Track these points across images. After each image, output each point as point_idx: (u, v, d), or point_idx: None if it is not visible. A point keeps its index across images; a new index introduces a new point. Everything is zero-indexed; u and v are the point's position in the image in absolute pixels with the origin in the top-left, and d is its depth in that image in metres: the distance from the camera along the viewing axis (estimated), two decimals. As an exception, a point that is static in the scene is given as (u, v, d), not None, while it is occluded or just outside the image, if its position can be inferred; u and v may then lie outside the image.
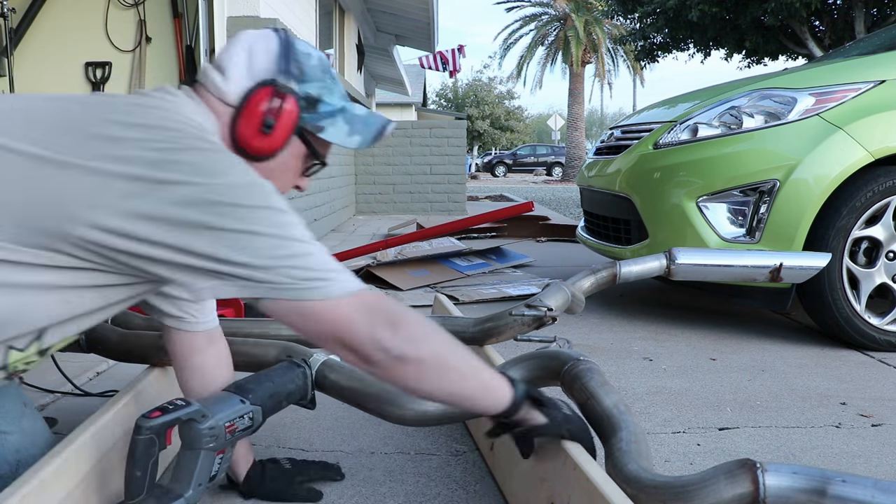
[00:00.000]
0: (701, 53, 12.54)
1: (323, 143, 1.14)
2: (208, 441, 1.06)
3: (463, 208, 8.37)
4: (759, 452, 1.55)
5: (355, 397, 1.30)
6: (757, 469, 0.87)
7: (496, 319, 1.67)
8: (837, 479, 0.85)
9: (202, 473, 1.06)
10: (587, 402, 1.19)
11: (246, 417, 1.13)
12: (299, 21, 5.71)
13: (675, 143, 2.63)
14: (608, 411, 1.13)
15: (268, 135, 1.06)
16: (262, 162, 1.08)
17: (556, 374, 1.30)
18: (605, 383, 1.22)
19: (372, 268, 3.61)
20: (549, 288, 1.78)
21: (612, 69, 26.11)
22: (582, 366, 1.27)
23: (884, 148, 2.28)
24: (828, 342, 2.48)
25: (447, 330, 1.72)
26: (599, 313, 2.96)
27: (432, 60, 15.09)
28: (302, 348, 1.41)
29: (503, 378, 1.09)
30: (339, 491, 1.35)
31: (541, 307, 1.64)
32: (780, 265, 2.00)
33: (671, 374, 2.12)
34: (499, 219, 2.87)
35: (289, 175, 1.13)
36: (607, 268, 1.99)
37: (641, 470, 0.96)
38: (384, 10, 9.74)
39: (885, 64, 2.43)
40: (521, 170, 31.67)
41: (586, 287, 1.96)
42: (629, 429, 1.07)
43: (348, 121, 1.13)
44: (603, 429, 1.13)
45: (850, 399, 1.91)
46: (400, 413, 1.26)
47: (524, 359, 1.36)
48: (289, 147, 1.10)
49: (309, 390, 1.30)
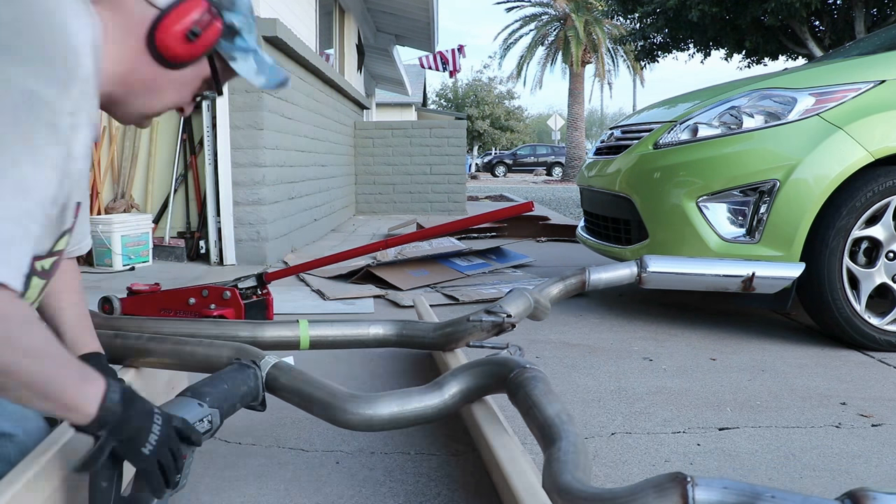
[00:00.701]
0: (701, 53, 12.55)
1: (228, 71, 1.15)
2: None
3: (463, 208, 8.37)
4: (759, 452, 1.55)
5: (303, 400, 1.29)
6: (687, 483, 0.86)
7: (455, 325, 1.68)
8: (767, 495, 0.85)
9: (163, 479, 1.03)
10: (529, 410, 1.18)
11: (205, 421, 1.12)
12: (299, 21, 5.72)
13: (675, 143, 2.63)
14: (549, 420, 1.12)
15: (191, 42, 1.05)
16: (169, 69, 1.07)
17: (503, 382, 1.30)
18: (549, 392, 1.21)
19: (372, 268, 3.61)
20: (511, 294, 1.77)
21: (612, 69, 26.13)
22: (527, 374, 1.26)
23: (884, 148, 2.28)
24: (828, 342, 2.48)
25: (409, 334, 1.75)
26: (599, 313, 2.96)
27: (432, 60, 15.10)
28: (254, 350, 1.40)
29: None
30: (339, 491, 1.36)
31: (500, 313, 1.64)
32: (752, 274, 2.00)
33: (671, 374, 2.12)
34: (499, 219, 2.87)
35: (185, 91, 1.12)
36: (576, 274, 1.99)
37: (574, 480, 0.96)
38: (384, 10, 9.75)
39: (885, 64, 2.43)
40: (521, 170, 31.68)
41: (554, 294, 1.96)
42: (569, 439, 1.06)
43: (258, 62, 1.15)
44: (544, 438, 1.12)
45: (850, 399, 1.91)
46: (346, 418, 1.25)
47: (473, 365, 1.35)
48: (197, 64, 1.09)
49: (260, 392, 1.29)
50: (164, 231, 4.51)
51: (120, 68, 1.04)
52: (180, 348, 1.45)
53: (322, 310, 2.99)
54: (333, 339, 1.73)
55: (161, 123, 4.51)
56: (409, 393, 1.29)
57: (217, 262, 4.32)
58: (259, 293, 2.73)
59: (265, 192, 4.31)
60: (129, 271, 4.09)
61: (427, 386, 1.32)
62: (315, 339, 1.71)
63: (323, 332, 1.72)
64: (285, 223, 4.78)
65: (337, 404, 1.25)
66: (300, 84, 5.28)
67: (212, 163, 4.30)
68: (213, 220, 4.31)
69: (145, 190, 4.52)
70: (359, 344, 1.76)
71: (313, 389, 1.28)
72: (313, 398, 1.28)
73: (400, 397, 1.27)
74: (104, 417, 0.93)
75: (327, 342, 1.73)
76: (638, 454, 1.54)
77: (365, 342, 1.76)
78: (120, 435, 0.95)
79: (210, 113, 4.27)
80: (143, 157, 4.52)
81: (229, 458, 1.50)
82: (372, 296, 3.28)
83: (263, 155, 4.28)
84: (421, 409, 1.27)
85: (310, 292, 3.39)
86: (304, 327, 1.71)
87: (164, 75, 1.07)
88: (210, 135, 4.28)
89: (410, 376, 2.08)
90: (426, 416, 1.29)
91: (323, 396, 1.27)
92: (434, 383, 1.32)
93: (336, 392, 1.27)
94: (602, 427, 1.70)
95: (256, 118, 4.25)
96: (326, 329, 1.73)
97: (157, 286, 2.56)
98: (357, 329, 1.75)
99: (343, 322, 1.77)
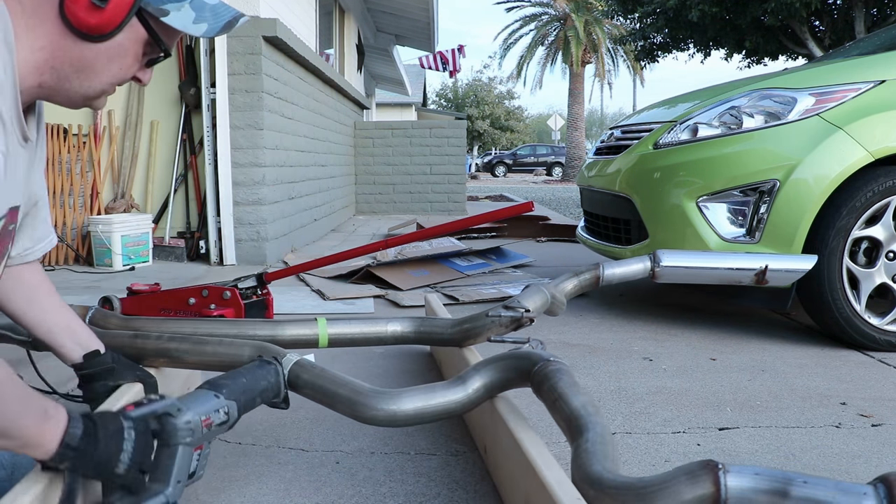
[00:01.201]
0: (701, 53, 12.55)
1: (166, 29, 1.06)
2: (185, 435, 1.05)
3: (463, 208, 8.37)
4: (759, 452, 1.55)
5: (326, 397, 1.29)
6: (719, 470, 0.87)
7: (474, 321, 1.67)
8: (799, 480, 0.85)
9: (181, 470, 1.05)
10: (555, 403, 1.18)
11: (221, 412, 1.12)
12: (299, 21, 5.72)
13: (675, 143, 2.63)
14: (576, 412, 1.12)
15: (100, 9, 0.97)
16: (94, 43, 1.00)
17: (527, 375, 1.30)
18: (574, 384, 1.21)
19: (372, 268, 3.61)
20: (528, 289, 1.77)
21: (612, 69, 26.14)
22: (552, 367, 1.26)
23: (884, 148, 2.28)
24: (828, 342, 2.48)
25: (426, 330, 1.75)
26: (599, 313, 2.96)
27: (432, 60, 15.11)
28: (275, 348, 1.40)
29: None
30: (339, 491, 1.36)
31: (518, 308, 1.64)
32: (765, 267, 2.00)
33: (671, 374, 2.12)
34: (499, 219, 2.87)
35: (127, 61, 1.05)
36: (590, 270, 1.99)
37: (605, 471, 0.96)
38: (384, 10, 9.75)
39: (885, 64, 2.43)
40: (521, 170, 31.69)
41: (569, 289, 1.96)
42: (596, 430, 1.06)
43: (196, 7, 1.06)
44: (571, 429, 1.12)
45: (850, 399, 1.91)
46: (371, 414, 1.25)
47: (496, 360, 1.35)
48: (127, 29, 1.02)
49: (282, 389, 1.29)
50: (164, 231, 4.51)
51: (42, 55, 0.99)
52: (201, 348, 1.45)
53: (322, 310, 2.99)
54: (352, 337, 1.73)
55: (161, 123, 4.52)
56: (433, 388, 1.29)
57: (217, 262, 4.32)
58: (259, 293, 2.73)
59: (265, 192, 4.31)
60: (129, 271, 4.09)
61: (451, 381, 1.32)
62: (334, 337, 1.71)
63: (341, 329, 1.73)
64: (285, 223, 4.78)
65: (361, 400, 1.25)
66: (300, 84, 5.28)
67: (212, 163, 4.30)
68: (213, 220, 4.31)
69: (145, 190, 4.52)
70: (377, 341, 1.76)
71: (337, 386, 1.29)
72: (337, 395, 1.28)
73: (424, 392, 1.27)
74: (64, 454, 0.93)
75: (346, 340, 1.73)
76: (638, 454, 1.54)
77: (383, 339, 1.76)
78: (88, 466, 0.95)
79: (210, 113, 4.27)
80: (143, 157, 4.52)
81: (229, 458, 1.50)
82: (372, 296, 3.28)
83: (263, 155, 4.28)
84: (445, 403, 1.28)
85: (310, 292, 3.39)
86: (323, 325, 1.71)
87: (92, 50, 1.01)
88: (210, 135, 4.28)
89: (411, 375, 2.08)
90: (450, 410, 1.29)
91: (346, 393, 1.27)
92: (458, 378, 1.32)
93: (360, 388, 1.27)
94: (602, 427, 1.70)
95: (256, 118, 4.25)
96: (345, 327, 1.73)
97: (157, 286, 2.56)
98: (375, 327, 1.75)
99: (361, 320, 1.77)
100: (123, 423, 1.00)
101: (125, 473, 0.98)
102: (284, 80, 4.77)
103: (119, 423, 0.99)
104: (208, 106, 4.26)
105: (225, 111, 4.22)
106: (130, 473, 0.98)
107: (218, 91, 4.20)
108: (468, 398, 1.30)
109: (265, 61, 4.28)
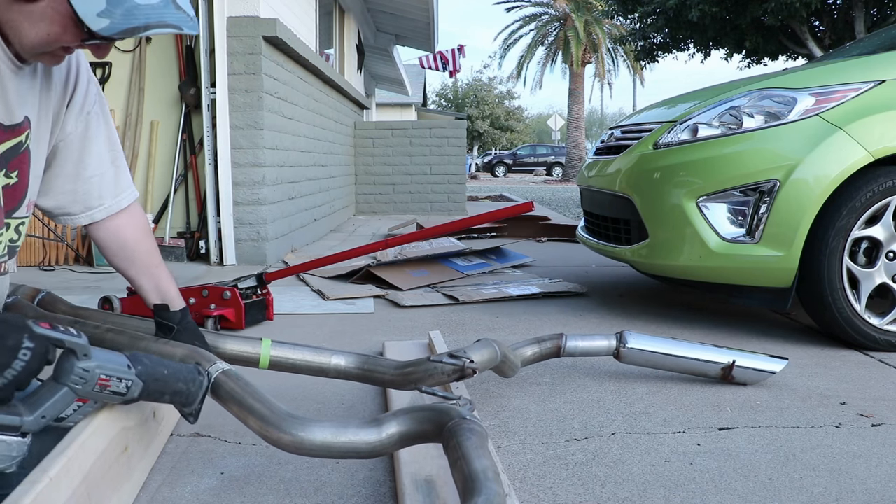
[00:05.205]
0: (701, 53, 12.55)
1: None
2: (76, 380, 1.04)
3: (463, 208, 8.38)
4: (759, 452, 1.55)
5: (242, 411, 1.27)
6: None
7: (417, 365, 1.63)
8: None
9: (52, 408, 1.03)
10: (457, 462, 1.13)
11: (123, 383, 1.11)
12: (299, 21, 5.72)
13: (675, 143, 2.63)
14: (474, 474, 1.08)
15: None
16: (21, 3, 1.08)
17: (440, 431, 1.24)
18: (482, 447, 1.15)
19: (372, 268, 3.61)
20: (480, 342, 1.72)
21: (612, 69, 26.13)
22: (465, 425, 1.20)
23: (884, 148, 2.28)
24: (828, 342, 2.48)
25: (370, 369, 1.70)
26: (599, 313, 2.96)
27: (432, 60, 15.12)
28: (210, 355, 1.40)
29: None
30: (339, 491, 1.36)
31: (463, 358, 1.62)
32: (732, 363, 1.97)
33: (671, 373, 2.12)
34: (499, 219, 2.87)
35: (54, 29, 1.10)
36: (553, 339, 1.97)
37: None
38: (384, 10, 9.75)
39: (885, 64, 2.43)
40: (521, 170, 31.70)
41: (527, 356, 1.94)
42: (488, 496, 1.02)
43: (113, 2, 1.08)
44: (465, 490, 1.08)
45: (850, 399, 1.91)
46: (277, 436, 1.22)
47: (415, 409, 1.30)
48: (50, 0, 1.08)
49: (196, 402, 1.26)
50: (164, 231, 4.51)
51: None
52: (136, 342, 1.47)
53: (322, 310, 2.99)
54: (294, 363, 1.68)
55: (161, 123, 4.52)
56: (346, 425, 1.25)
57: (217, 262, 4.32)
58: (259, 293, 2.73)
59: (265, 192, 4.31)
60: (129, 271, 4.08)
61: (367, 421, 1.27)
62: (275, 360, 1.67)
63: (285, 353, 1.68)
64: (285, 223, 4.79)
65: (273, 421, 1.23)
66: (300, 84, 5.28)
67: (212, 163, 4.30)
68: (213, 220, 4.31)
69: (145, 190, 4.52)
70: (318, 372, 1.70)
71: (254, 402, 1.27)
72: (252, 410, 1.26)
73: (336, 427, 1.24)
74: None
75: (287, 365, 1.68)
76: (638, 454, 1.54)
77: (325, 371, 1.70)
78: None
79: (210, 113, 4.27)
80: (143, 157, 4.52)
81: (229, 458, 1.50)
82: (372, 296, 3.28)
83: (263, 155, 4.29)
84: (354, 442, 1.23)
85: (310, 292, 3.39)
86: (267, 346, 1.67)
87: (22, 9, 1.08)
88: (210, 135, 4.28)
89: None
90: (358, 451, 1.24)
91: (261, 410, 1.25)
92: (375, 420, 1.27)
93: (275, 409, 1.25)
94: (602, 427, 1.70)
95: (256, 118, 4.25)
96: (289, 351, 1.68)
97: (157, 286, 2.55)
98: (319, 357, 1.69)
99: (307, 348, 1.72)
100: (24, 341, 1.00)
101: (1, 387, 0.98)
102: (284, 80, 4.77)
103: (19, 341, 0.99)
104: (208, 106, 4.26)
105: (225, 111, 4.22)
106: (7, 389, 0.99)
107: (218, 91, 4.20)
108: (380, 443, 1.24)
109: (265, 61, 4.28)
